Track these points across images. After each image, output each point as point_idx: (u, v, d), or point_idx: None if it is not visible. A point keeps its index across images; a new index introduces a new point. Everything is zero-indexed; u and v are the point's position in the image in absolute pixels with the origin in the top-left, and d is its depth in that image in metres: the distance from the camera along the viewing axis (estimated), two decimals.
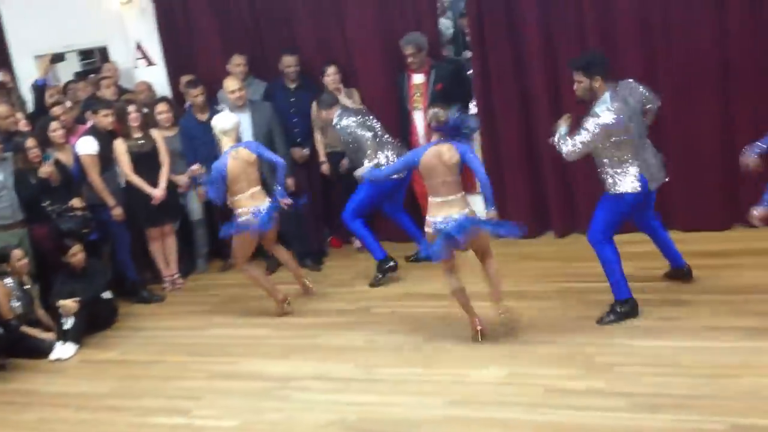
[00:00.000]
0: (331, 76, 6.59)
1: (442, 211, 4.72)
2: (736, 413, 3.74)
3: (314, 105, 6.60)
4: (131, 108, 6.49)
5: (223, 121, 5.74)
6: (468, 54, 8.60)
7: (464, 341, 4.96)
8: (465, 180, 6.13)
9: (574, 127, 4.75)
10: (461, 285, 4.90)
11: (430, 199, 4.81)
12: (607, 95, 4.61)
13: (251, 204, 5.60)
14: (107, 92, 7.13)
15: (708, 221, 6.02)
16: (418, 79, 6.43)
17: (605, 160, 4.73)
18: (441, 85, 6.35)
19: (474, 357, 4.75)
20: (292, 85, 6.82)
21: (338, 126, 6.02)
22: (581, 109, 4.81)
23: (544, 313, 5.18)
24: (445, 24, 8.30)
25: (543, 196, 6.45)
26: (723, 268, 5.38)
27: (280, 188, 5.73)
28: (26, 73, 7.98)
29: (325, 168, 6.84)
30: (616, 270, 4.84)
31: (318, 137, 6.80)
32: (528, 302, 5.34)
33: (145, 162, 6.49)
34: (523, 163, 6.50)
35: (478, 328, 4.89)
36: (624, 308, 4.84)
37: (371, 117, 6.13)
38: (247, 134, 6.54)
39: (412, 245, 6.45)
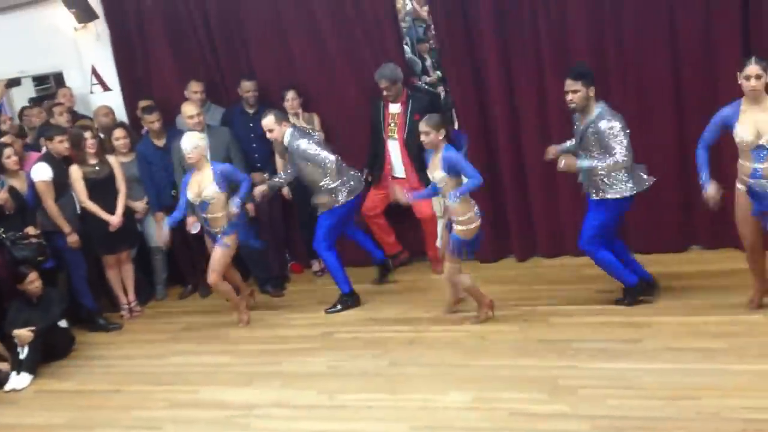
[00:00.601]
0: (290, 101, 6.59)
1: None
2: None
3: None
4: (87, 134, 6.40)
5: (194, 139, 5.86)
6: (426, 79, 8.75)
7: (429, 366, 4.96)
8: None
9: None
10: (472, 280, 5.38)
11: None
12: (602, 104, 4.99)
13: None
14: (60, 119, 7.00)
15: (665, 243, 6.13)
16: (394, 108, 6.43)
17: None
18: (418, 115, 6.37)
19: (438, 382, 4.75)
20: (251, 110, 6.79)
21: (292, 146, 5.93)
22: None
23: (506, 336, 5.20)
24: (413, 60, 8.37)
25: (504, 221, 6.50)
26: (681, 289, 5.46)
27: (238, 200, 5.84)
28: None
29: (285, 192, 6.81)
30: (616, 264, 5.17)
31: (279, 161, 6.77)
32: (491, 326, 5.37)
33: (102, 188, 6.40)
34: (485, 188, 6.53)
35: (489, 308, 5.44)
36: (638, 289, 5.25)
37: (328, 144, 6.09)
38: None
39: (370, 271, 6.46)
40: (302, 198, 6.78)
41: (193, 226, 6.40)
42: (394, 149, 6.47)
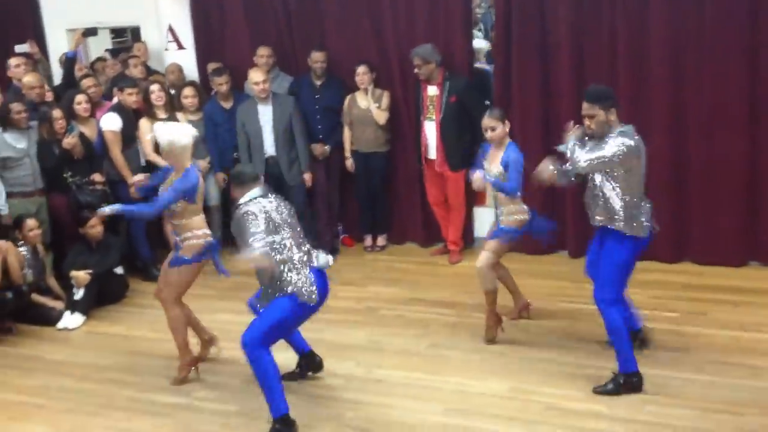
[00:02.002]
0: (360, 75, 6.61)
1: None
2: None
3: (347, 99, 6.71)
4: (155, 88, 6.55)
5: (179, 134, 4.62)
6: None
7: (469, 352, 4.97)
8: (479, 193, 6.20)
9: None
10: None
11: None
12: (626, 127, 4.27)
13: (205, 227, 4.81)
14: (135, 71, 7.19)
15: (725, 257, 6.00)
16: (431, 90, 6.45)
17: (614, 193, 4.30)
18: (455, 97, 6.37)
19: (477, 368, 4.76)
20: (319, 82, 6.85)
21: (240, 210, 4.23)
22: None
23: (551, 331, 5.17)
24: (478, 36, 8.31)
25: (561, 214, 6.44)
26: (736, 304, 5.36)
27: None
28: (56, 46, 8.06)
29: (349, 164, 6.85)
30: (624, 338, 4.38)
31: (346, 133, 6.82)
32: (536, 320, 5.35)
33: None
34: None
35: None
36: (628, 381, 4.35)
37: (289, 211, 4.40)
38: (268, 127, 6.60)
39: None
40: (364, 171, 6.84)
41: None
42: (430, 130, 6.49)
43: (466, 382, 4.59)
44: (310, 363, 4.77)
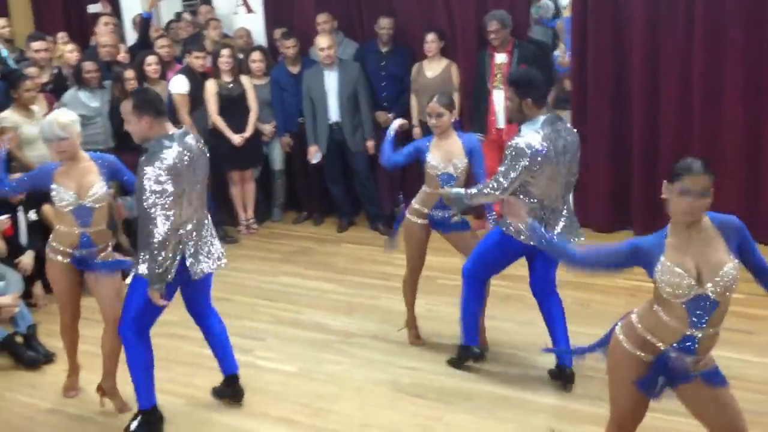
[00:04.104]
0: (429, 43, 6.57)
1: None
2: None
3: (414, 68, 6.68)
4: (225, 52, 6.62)
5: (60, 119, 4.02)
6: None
7: (522, 324, 4.98)
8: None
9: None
10: None
11: None
12: (540, 119, 3.96)
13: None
14: (213, 34, 7.27)
15: None
16: (500, 58, 6.34)
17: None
18: (525, 65, 6.28)
19: (532, 341, 4.73)
20: (385, 49, 6.83)
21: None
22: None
23: (610, 308, 5.11)
24: (547, 4, 8.13)
25: (627, 192, 6.33)
26: None
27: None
28: (129, 5, 8.20)
29: (416, 132, 6.86)
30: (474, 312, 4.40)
31: (413, 102, 6.81)
32: (596, 295, 5.34)
33: (232, 106, 6.64)
34: (610, 158, 6.39)
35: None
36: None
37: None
38: (333, 93, 6.63)
39: None
40: None
41: (315, 156, 6.56)
42: (499, 99, 6.37)
43: (518, 354, 4.63)
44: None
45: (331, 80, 6.64)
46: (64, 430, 4.18)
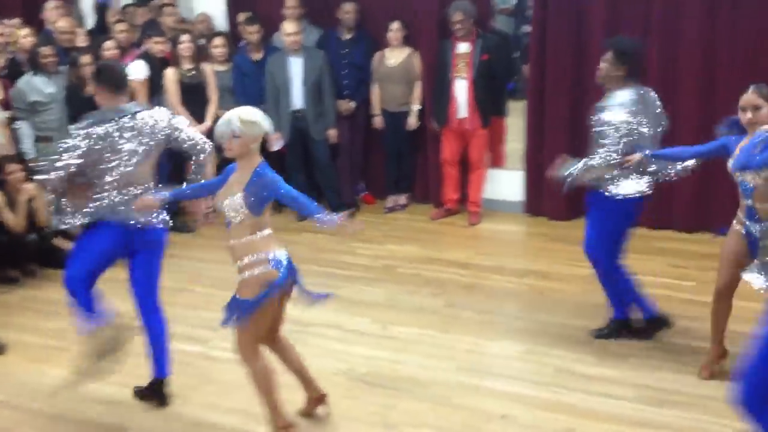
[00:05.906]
0: (393, 32, 6.56)
1: None
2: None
3: (376, 56, 6.66)
4: (184, 38, 6.54)
5: None
6: (527, 29, 8.51)
7: (484, 313, 5.00)
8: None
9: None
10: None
11: None
12: (627, 92, 4.21)
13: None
14: (168, 20, 7.16)
15: None
16: (463, 48, 6.35)
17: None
18: (487, 55, 6.30)
19: (491, 329, 4.80)
20: (347, 35, 6.80)
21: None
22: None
23: (566, 296, 5.18)
24: None
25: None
26: None
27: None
28: None
29: (378, 121, 6.82)
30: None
31: (375, 90, 6.78)
32: (553, 283, 5.35)
33: (193, 94, 6.55)
34: (567, 148, 6.40)
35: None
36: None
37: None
38: (297, 80, 6.58)
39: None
40: (393, 129, 6.81)
41: (276, 143, 6.51)
42: (461, 89, 6.39)
43: (479, 342, 4.63)
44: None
45: (295, 67, 6.59)
46: (15, 423, 4.10)
